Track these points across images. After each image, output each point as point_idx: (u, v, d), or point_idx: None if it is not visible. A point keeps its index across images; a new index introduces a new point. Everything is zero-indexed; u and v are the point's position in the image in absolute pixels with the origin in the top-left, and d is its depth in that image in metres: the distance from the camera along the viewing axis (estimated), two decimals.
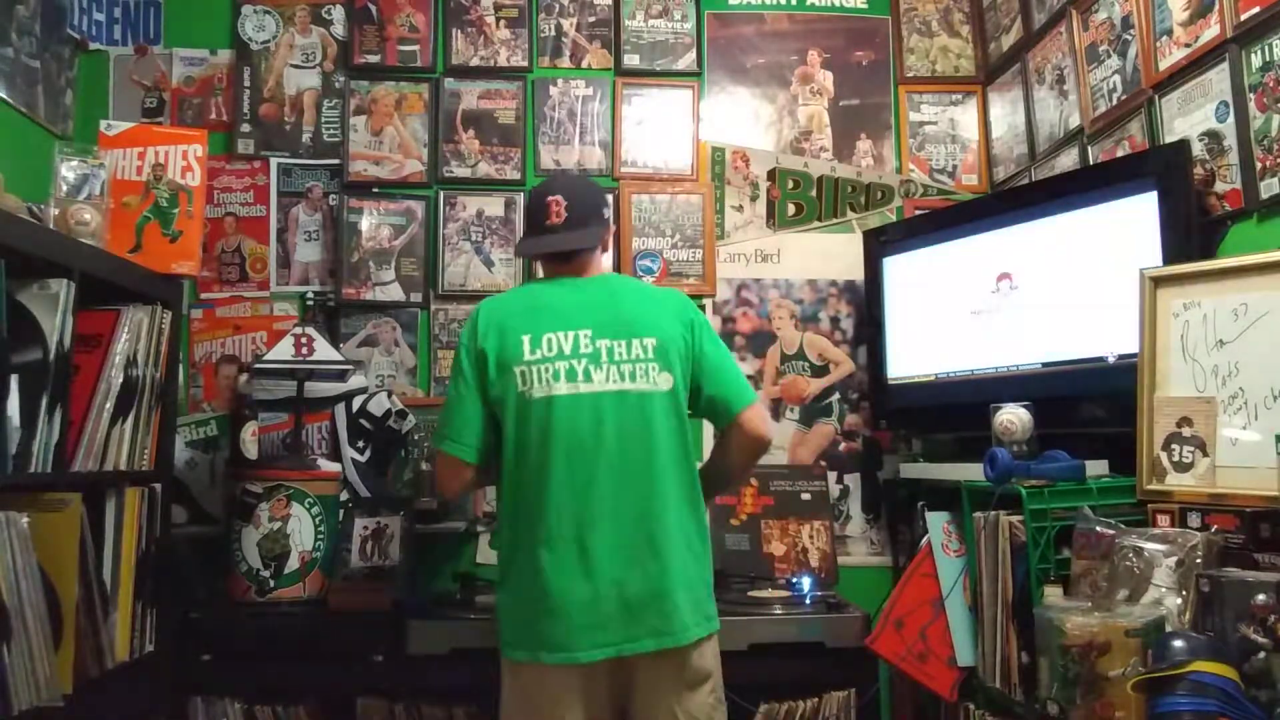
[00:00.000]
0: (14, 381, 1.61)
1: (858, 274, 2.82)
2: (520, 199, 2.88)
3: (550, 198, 1.88)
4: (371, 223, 2.84)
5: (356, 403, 2.65)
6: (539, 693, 1.74)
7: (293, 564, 2.30)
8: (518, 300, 1.93)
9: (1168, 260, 1.87)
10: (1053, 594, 1.73)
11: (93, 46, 2.83)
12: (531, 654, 1.72)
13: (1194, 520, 1.60)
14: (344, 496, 2.49)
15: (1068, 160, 2.47)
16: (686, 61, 2.97)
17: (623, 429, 1.76)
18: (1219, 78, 1.89)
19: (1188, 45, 1.98)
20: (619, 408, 1.77)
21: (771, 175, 2.96)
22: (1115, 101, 2.25)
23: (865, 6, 3.04)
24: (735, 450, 1.93)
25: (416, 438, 2.69)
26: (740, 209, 2.95)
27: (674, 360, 1.82)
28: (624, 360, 1.79)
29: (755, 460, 2.00)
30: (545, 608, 1.71)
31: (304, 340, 2.47)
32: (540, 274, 2.02)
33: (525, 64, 2.94)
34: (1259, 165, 1.79)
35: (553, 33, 2.97)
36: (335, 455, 2.63)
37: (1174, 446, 1.71)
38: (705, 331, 1.91)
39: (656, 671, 1.74)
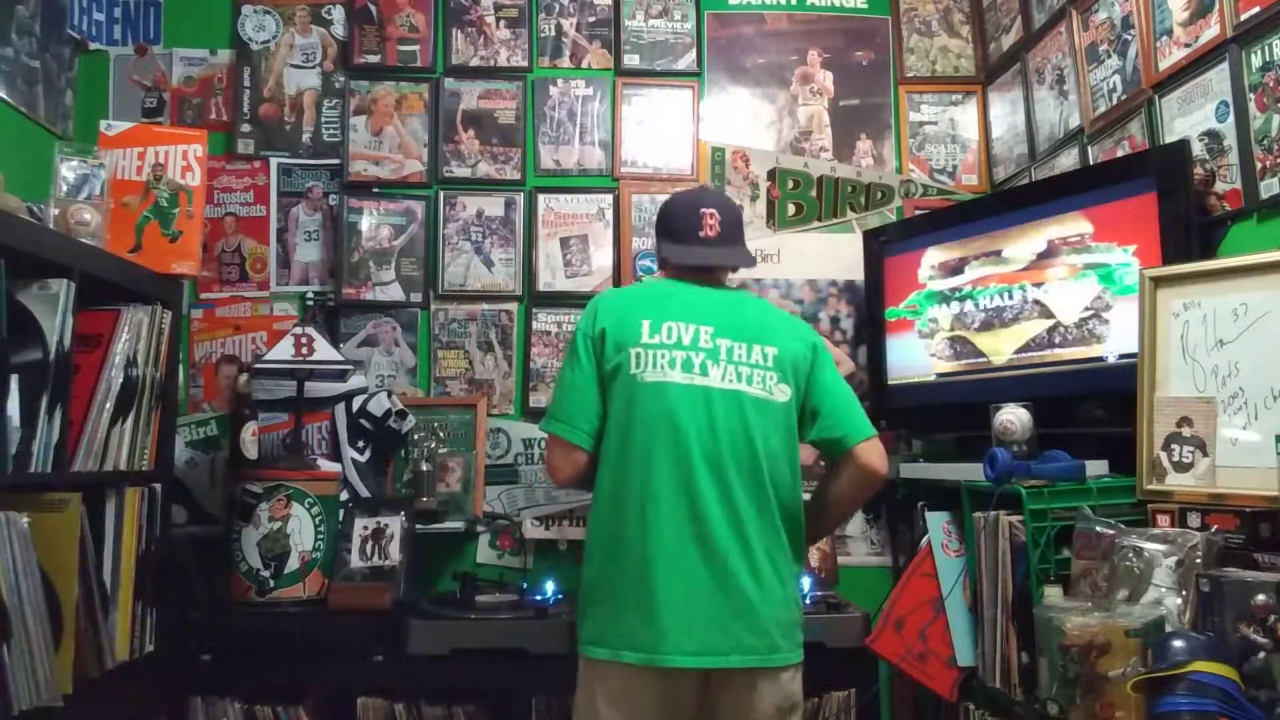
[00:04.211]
0: (14, 381, 1.62)
1: (858, 274, 2.82)
2: (520, 199, 2.88)
3: (705, 210, 1.86)
4: (371, 223, 2.84)
5: (356, 403, 2.65)
6: (614, 696, 1.65)
7: (293, 564, 2.30)
8: (639, 291, 1.89)
9: (1167, 260, 1.87)
10: (1053, 594, 1.73)
11: (93, 46, 2.83)
12: (614, 652, 1.64)
13: (1194, 520, 1.60)
14: (344, 496, 2.49)
15: (1068, 160, 2.47)
16: (686, 61, 2.97)
17: (732, 431, 1.70)
18: (1219, 78, 1.89)
19: (1188, 45, 1.97)
20: (730, 408, 1.71)
21: (771, 175, 2.96)
22: (1115, 101, 2.25)
23: (865, 6, 3.03)
24: (847, 485, 1.84)
25: (416, 438, 2.69)
26: (740, 209, 2.94)
27: (791, 375, 1.77)
28: (743, 363, 1.74)
29: (866, 498, 1.92)
30: (635, 601, 1.63)
31: (304, 340, 2.47)
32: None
33: (525, 64, 2.94)
34: (1259, 165, 1.79)
35: (553, 33, 2.97)
36: (335, 455, 2.63)
37: (1174, 446, 1.71)
38: (827, 358, 1.85)
39: (748, 692, 1.65)
